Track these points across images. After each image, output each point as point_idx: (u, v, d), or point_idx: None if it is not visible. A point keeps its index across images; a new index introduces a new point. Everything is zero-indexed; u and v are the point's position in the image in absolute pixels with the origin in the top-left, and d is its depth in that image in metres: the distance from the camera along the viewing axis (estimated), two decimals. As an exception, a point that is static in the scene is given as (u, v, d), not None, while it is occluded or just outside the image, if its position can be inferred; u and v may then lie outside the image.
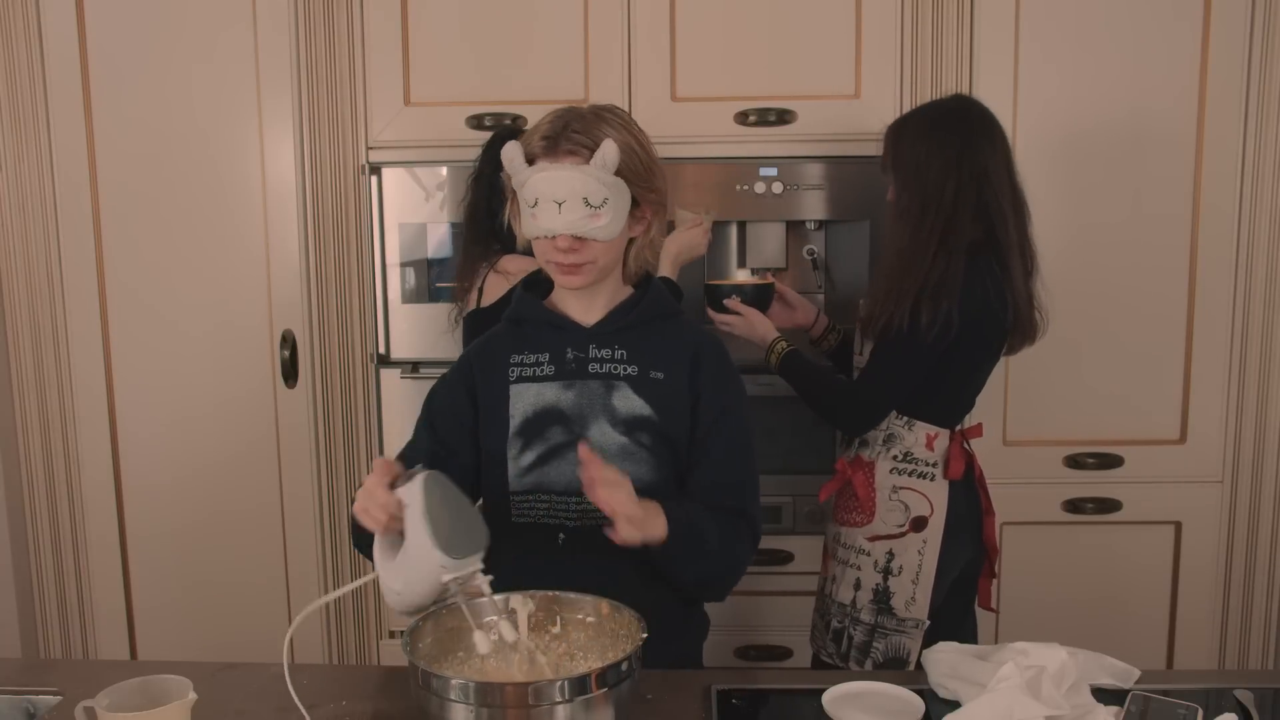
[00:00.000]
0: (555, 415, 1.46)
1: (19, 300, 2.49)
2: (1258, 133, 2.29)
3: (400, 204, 2.37)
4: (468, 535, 1.23)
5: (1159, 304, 2.36)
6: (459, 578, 1.20)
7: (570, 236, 1.38)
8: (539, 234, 1.40)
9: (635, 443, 1.44)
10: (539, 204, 1.37)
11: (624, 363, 1.46)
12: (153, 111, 2.41)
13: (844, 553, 1.98)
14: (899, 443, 1.94)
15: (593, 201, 1.37)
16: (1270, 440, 2.40)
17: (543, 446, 1.46)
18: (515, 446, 1.47)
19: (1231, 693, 1.34)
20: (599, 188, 1.37)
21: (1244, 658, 2.48)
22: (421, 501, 1.21)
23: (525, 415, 1.46)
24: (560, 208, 1.36)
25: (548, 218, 1.37)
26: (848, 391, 1.97)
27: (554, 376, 1.47)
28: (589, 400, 1.45)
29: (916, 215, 1.87)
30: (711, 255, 2.48)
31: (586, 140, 1.37)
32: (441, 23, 2.35)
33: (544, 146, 1.38)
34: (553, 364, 1.47)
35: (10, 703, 1.38)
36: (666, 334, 1.49)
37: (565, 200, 1.36)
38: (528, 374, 1.47)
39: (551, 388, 1.46)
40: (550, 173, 1.36)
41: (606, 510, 1.27)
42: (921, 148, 1.88)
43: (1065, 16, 2.28)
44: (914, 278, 1.84)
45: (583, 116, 1.40)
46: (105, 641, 2.61)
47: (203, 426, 2.51)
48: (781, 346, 2.02)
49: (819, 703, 1.23)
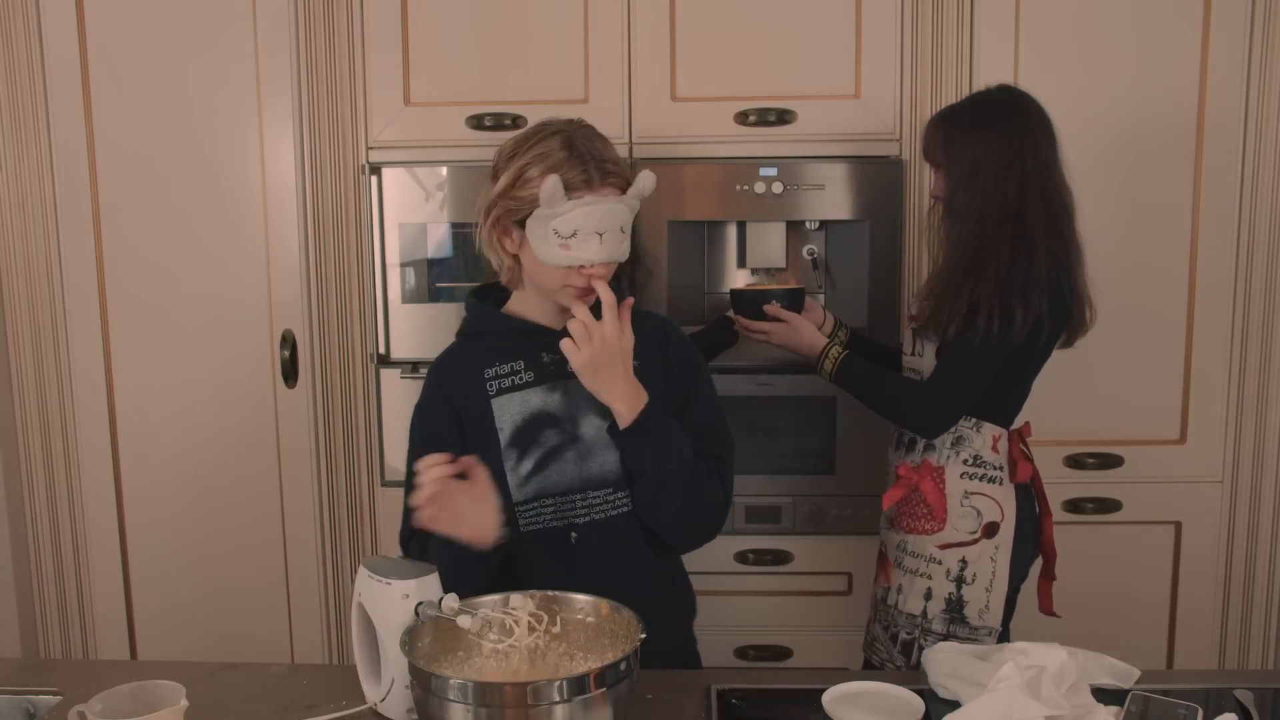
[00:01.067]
0: (546, 419, 1.47)
1: (19, 300, 2.49)
2: (1258, 133, 2.29)
3: (400, 204, 2.37)
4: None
5: (1159, 304, 2.36)
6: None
7: (604, 265, 1.41)
8: (574, 264, 1.40)
9: None
10: (577, 235, 1.38)
11: None
12: (153, 111, 2.41)
13: (912, 561, 1.91)
14: (968, 446, 1.89)
15: (625, 229, 1.42)
16: (1270, 440, 2.40)
17: (539, 452, 1.47)
18: (511, 457, 1.48)
19: (1231, 693, 1.34)
20: (629, 215, 1.42)
21: (1244, 658, 2.47)
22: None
23: (515, 425, 1.48)
24: (601, 239, 1.39)
25: (587, 249, 1.38)
26: (928, 393, 1.88)
27: (535, 382, 1.48)
28: (575, 399, 1.47)
29: (977, 213, 1.82)
30: (711, 255, 2.48)
31: (621, 170, 1.42)
32: (441, 23, 2.35)
33: (585, 179, 1.39)
34: (530, 370, 1.49)
35: (10, 703, 1.38)
36: (634, 328, 1.48)
37: (607, 231, 1.39)
38: (507, 384, 1.49)
39: (536, 393, 1.48)
40: (594, 205, 1.38)
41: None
42: (979, 144, 1.83)
43: (1065, 17, 2.28)
44: (990, 277, 1.79)
45: (596, 137, 1.43)
46: (105, 642, 2.61)
47: (203, 426, 2.51)
48: (836, 352, 1.95)
49: (819, 703, 1.23)
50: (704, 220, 2.39)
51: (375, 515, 2.52)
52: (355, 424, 2.49)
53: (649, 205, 2.30)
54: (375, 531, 2.52)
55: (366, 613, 1.31)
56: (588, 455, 1.47)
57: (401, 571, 1.29)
